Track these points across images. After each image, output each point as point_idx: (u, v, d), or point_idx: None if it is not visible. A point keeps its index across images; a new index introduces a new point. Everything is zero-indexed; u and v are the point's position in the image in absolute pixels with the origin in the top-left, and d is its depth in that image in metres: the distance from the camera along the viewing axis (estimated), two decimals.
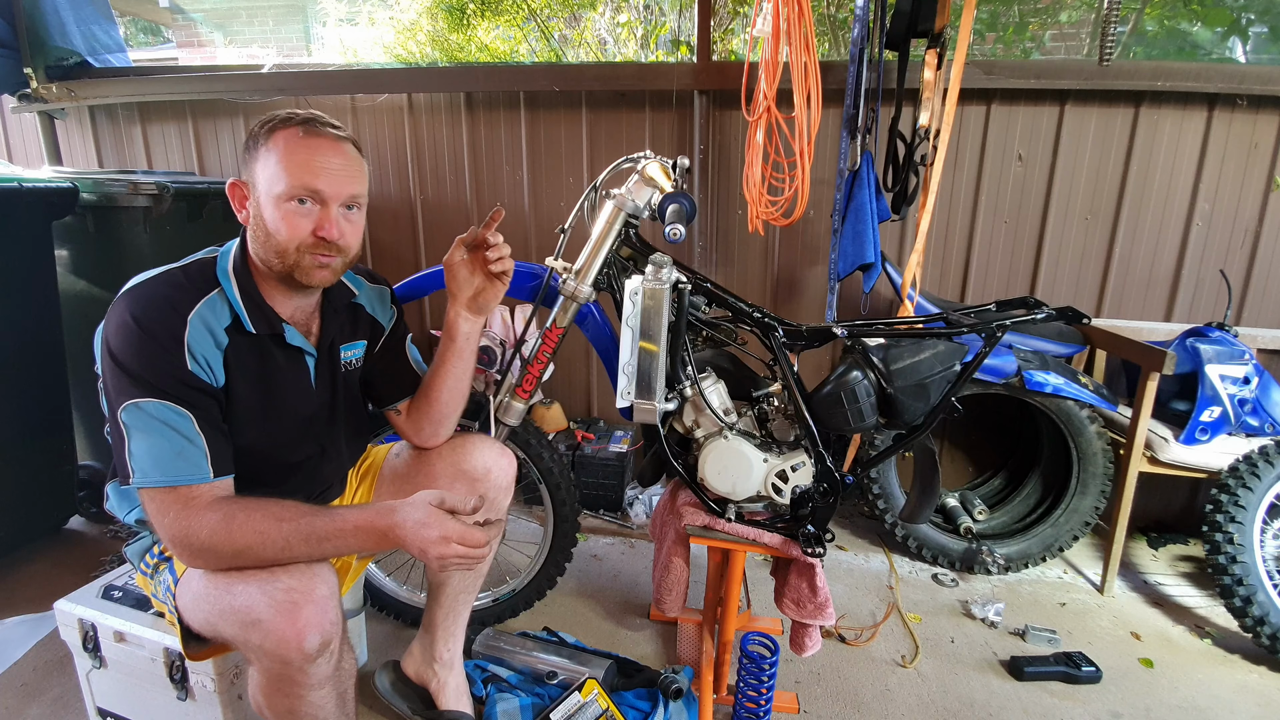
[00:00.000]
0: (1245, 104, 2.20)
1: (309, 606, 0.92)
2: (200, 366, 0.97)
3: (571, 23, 5.01)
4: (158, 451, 0.93)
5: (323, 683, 0.98)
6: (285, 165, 0.98)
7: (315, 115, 1.03)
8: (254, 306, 1.04)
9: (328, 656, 0.96)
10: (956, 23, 1.86)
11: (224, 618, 0.95)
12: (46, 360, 1.93)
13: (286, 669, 0.93)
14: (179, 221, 2.19)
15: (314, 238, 1.00)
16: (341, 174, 1.01)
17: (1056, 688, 1.65)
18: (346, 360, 1.22)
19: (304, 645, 0.91)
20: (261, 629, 0.91)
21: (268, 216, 1.00)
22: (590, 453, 2.39)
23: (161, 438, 0.93)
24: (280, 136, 0.99)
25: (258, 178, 1.00)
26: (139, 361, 0.93)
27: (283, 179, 0.98)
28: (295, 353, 1.11)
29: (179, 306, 0.97)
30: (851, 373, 1.36)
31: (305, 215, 1.00)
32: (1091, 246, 2.36)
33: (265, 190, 0.99)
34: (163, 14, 7.44)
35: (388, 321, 1.30)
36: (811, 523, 1.40)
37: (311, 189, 0.99)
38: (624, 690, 1.53)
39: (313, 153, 0.99)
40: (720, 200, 2.46)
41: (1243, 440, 2.00)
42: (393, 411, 1.32)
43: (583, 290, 1.46)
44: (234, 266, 1.04)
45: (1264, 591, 1.73)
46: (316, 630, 0.92)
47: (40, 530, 2.09)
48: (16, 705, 1.49)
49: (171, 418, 0.94)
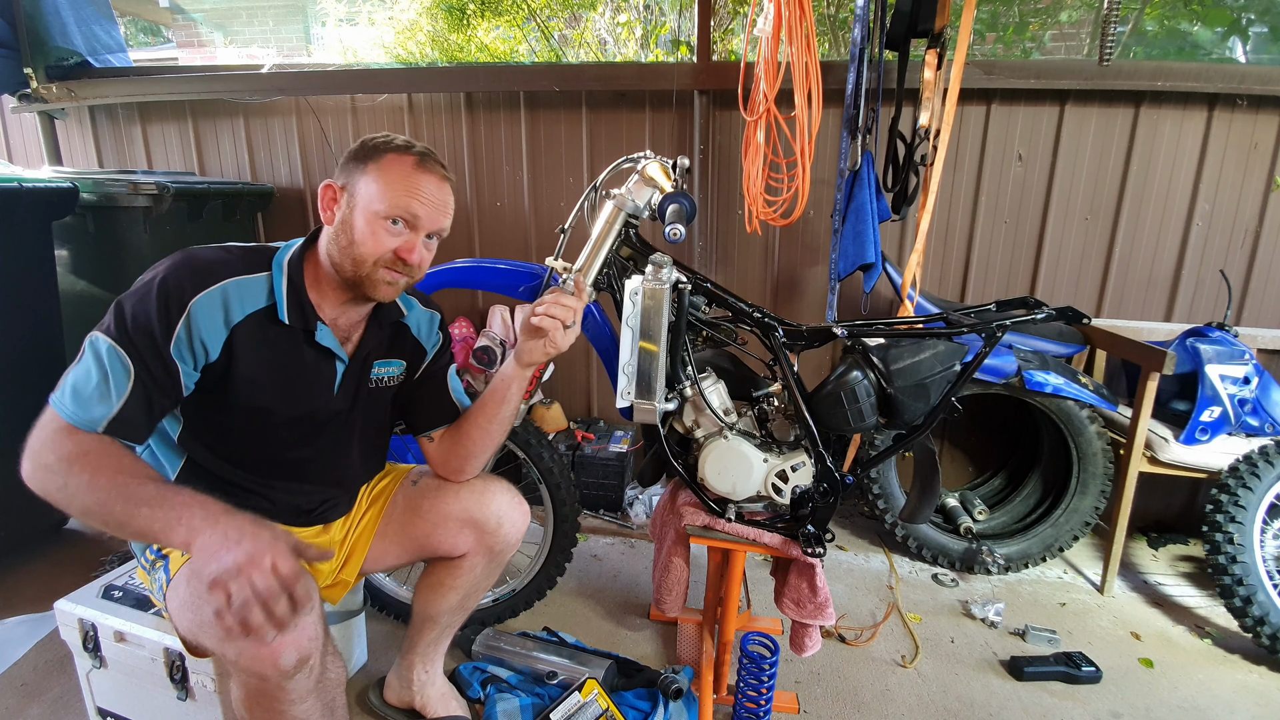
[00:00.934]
0: (1245, 104, 2.20)
1: None
2: (193, 340, 0.99)
3: (571, 23, 5.01)
4: (82, 387, 0.94)
5: (304, 697, 0.97)
6: (393, 187, 1.04)
7: (430, 151, 1.10)
8: (294, 298, 1.07)
9: (306, 672, 0.94)
10: (956, 23, 1.86)
11: (203, 629, 0.95)
12: (46, 360, 1.93)
13: (264, 685, 0.93)
14: (179, 221, 2.19)
15: (394, 256, 1.06)
16: (439, 208, 1.09)
17: (1056, 688, 1.65)
18: (378, 377, 1.22)
19: (280, 662, 0.90)
20: (237, 645, 0.90)
21: (358, 226, 1.04)
22: (590, 453, 2.38)
23: (94, 374, 0.95)
24: (395, 160, 1.05)
25: (359, 188, 1.05)
26: (133, 312, 0.96)
27: (387, 198, 1.04)
28: (326, 354, 1.12)
29: (209, 276, 1.01)
30: (851, 373, 1.36)
31: (394, 235, 1.05)
32: (1091, 246, 2.36)
33: (364, 202, 1.04)
34: (163, 14, 7.44)
35: (432, 347, 1.29)
36: (811, 523, 1.40)
37: (410, 214, 1.05)
38: (624, 690, 1.53)
39: (421, 183, 1.06)
40: (720, 200, 2.46)
41: (1243, 440, 2.00)
42: (425, 438, 1.32)
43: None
44: (290, 259, 1.09)
45: (1264, 591, 1.73)
46: (293, 648, 0.91)
47: (40, 530, 2.09)
48: (16, 705, 1.49)
49: (118, 369, 0.95)
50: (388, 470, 1.40)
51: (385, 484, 1.37)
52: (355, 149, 1.07)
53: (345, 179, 1.07)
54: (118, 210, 1.98)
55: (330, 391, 1.15)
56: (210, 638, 0.94)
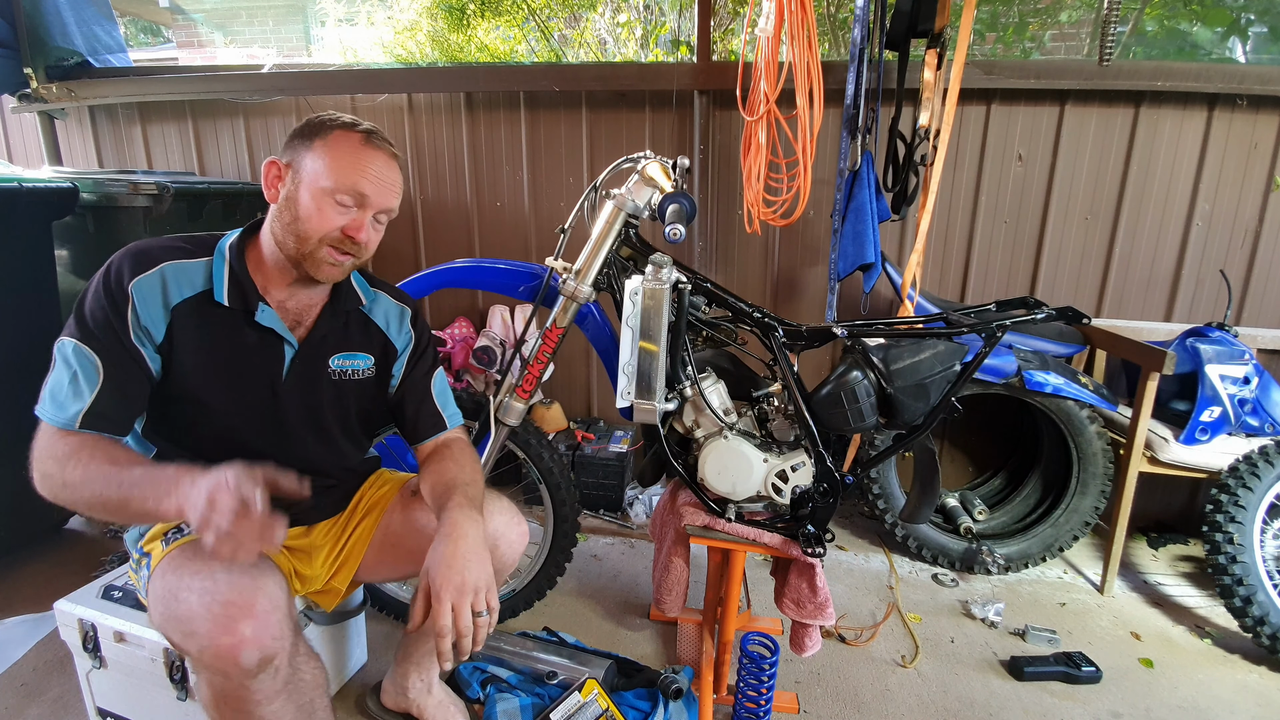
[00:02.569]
0: (1245, 104, 2.20)
1: (246, 621, 0.90)
2: (140, 323, 1.01)
3: (571, 23, 5.01)
4: (59, 390, 0.99)
5: (270, 698, 0.96)
6: (340, 163, 1.02)
7: (377, 129, 1.08)
8: (233, 281, 1.07)
9: (271, 673, 0.94)
10: (956, 23, 1.86)
11: (168, 624, 0.95)
12: (46, 360, 1.92)
13: (227, 683, 0.92)
14: (179, 221, 2.19)
15: (341, 234, 1.04)
16: (387, 186, 1.07)
17: (1056, 688, 1.65)
18: (342, 369, 1.18)
19: (240, 660, 0.89)
20: (198, 641, 0.90)
21: (303, 202, 1.03)
22: (590, 453, 2.38)
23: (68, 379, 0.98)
24: (342, 137, 1.04)
25: (304, 165, 1.04)
26: (89, 305, 1.00)
27: (332, 175, 1.02)
28: (270, 336, 1.09)
29: (148, 260, 1.03)
30: (851, 373, 1.36)
31: (341, 212, 1.04)
32: (1091, 246, 2.36)
33: (310, 179, 1.03)
34: (163, 14, 7.44)
35: (404, 345, 1.25)
36: (811, 523, 1.40)
37: (358, 192, 1.04)
38: (624, 690, 1.53)
39: (369, 161, 1.04)
40: (720, 200, 2.46)
41: (1243, 440, 2.00)
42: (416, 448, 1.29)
43: (583, 290, 1.46)
44: (232, 243, 1.09)
45: (1264, 591, 1.73)
46: (254, 646, 0.90)
47: (40, 530, 2.09)
48: (16, 705, 1.49)
49: (85, 363, 0.98)
50: (386, 478, 1.37)
51: (383, 492, 1.34)
52: (300, 126, 1.06)
53: (290, 156, 1.05)
54: (118, 210, 1.98)
55: (278, 377, 1.11)
56: (175, 633, 0.94)
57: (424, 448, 1.27)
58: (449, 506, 1.06)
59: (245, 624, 0.90)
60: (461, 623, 0.93)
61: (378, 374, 1.24)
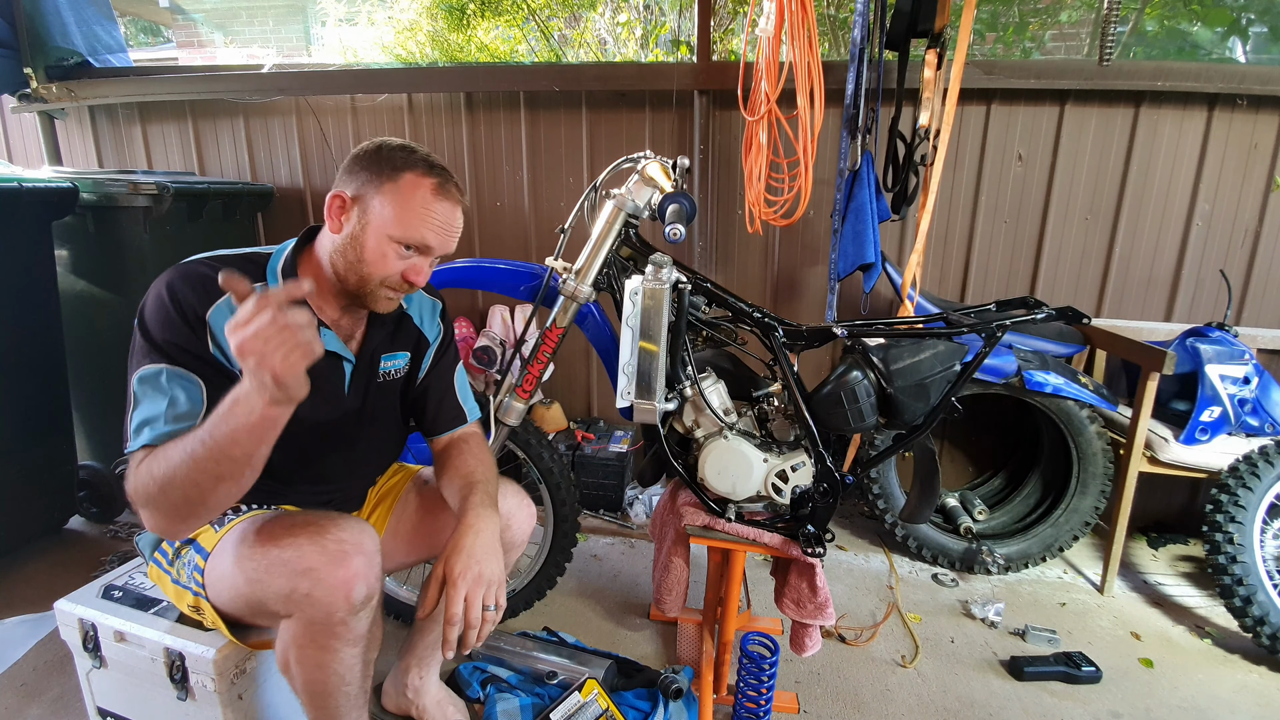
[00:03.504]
0: (1245, 104, 2.20)
1: (359, 557, 0.95)
2: (220, 348, 0.98)
3: (571, 23, 5.01)
4: (152, 417, 0.93)
5: (358, 639, 1.00)
6: (412, 215, 1.01)
7: (448, 172, 1.06)
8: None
9: (369, 611, 0.98)
10: (956, 23, 1.86)
11: (272, 571, 0.95)
12: (46, 360, 1.93)
13: (330, 618, 0.94)
14: (179, 221, 2.19)
15: (400, 278, 1.05)
16: (451, 234, 1.07)
17: (1056, 688, 1.65)
18: (386, 370, 1.21)
19: (352, 594, 0.93)
20: (313, 576, 0.92)
21: (369, 245, 1.02)
22: (590, 453, 2.38)
23: (161, 402, 0.94)
24: (414, 181, 1.02)
25: (373, 205, 1.02)
26: (161, 330, 0.96)
27: (404, 225, 1.01)
28: (332, 358, 1.11)
29: (211, 287, 0.99)
30: (851, 373, 1.36)
31: (403, 259, 1.04)
32: (1091, 246, 2.36)
33: (378, 224, 1.02)
34: (163, 14, 7.44)
35: (434, 337, 1.28)
36: (811, 523, 1.40)
37: (424, 244, 1.04)
38: (624, 690, 1.53)
39: (439, 213, 1.04)
40: (720, 200, 2.46)
41: (1243, 440, 2.00)
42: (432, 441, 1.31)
43: (583, 290, 1.46)
44: (283, 267, 1.07)
45: (1264, 591, 1.73)
46: (364, 580, 0.94)
47: (40, 530, 2.09)
48: (16, 705, 1.49)
49: (182, 384, 0.95)
50: (396, 469, 1.40)
51: (394, 482, 1.37)
52: (369, 156, 1.03)
53: (356, 189, 1.02)
54: (118, 210, 1.98)
55: (341, 393, 1.14)
56: (280, 576, 0.93)
57: (440, 440, 1.29)
58: (471, 502, 1.09)
59: (358, 559, 0.94)
60: (473, 613, 0.96)
61: (410, 368, 1.27)
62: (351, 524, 0.99)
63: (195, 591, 1.08)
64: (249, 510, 1.10)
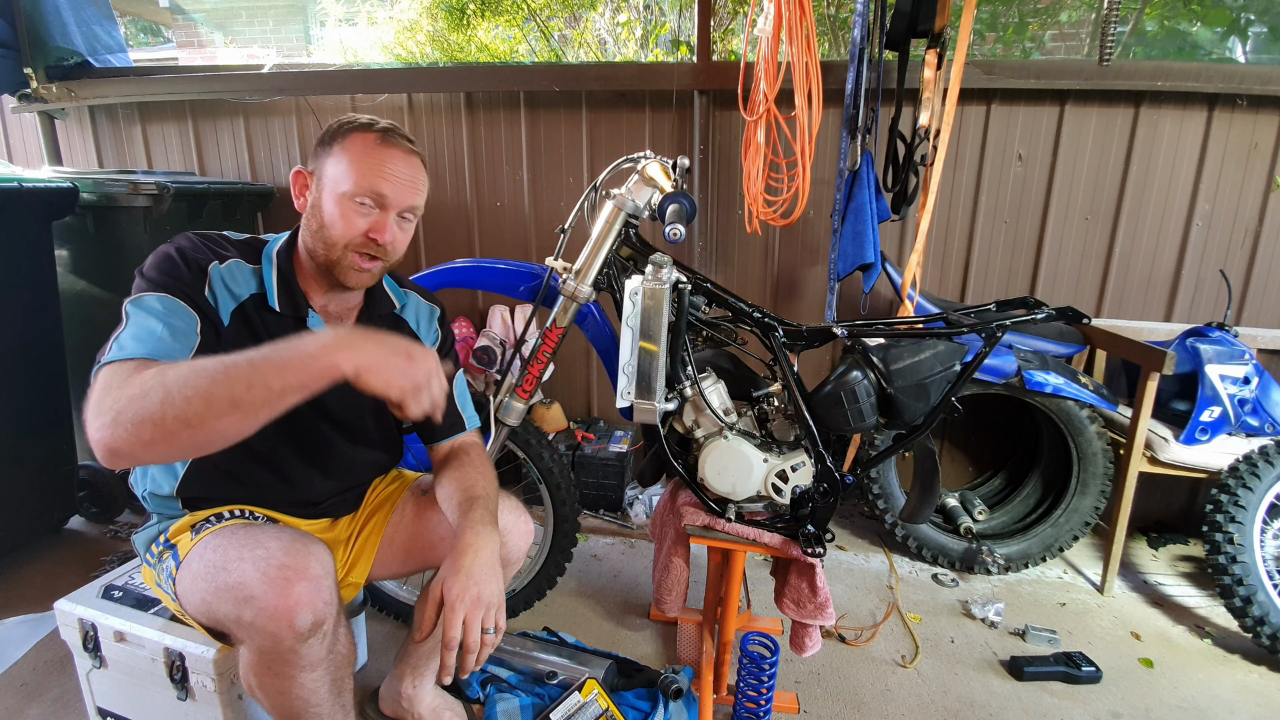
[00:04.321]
0: (1245, 104, 2.20)
1: (302, 583, 0.92)
2: (213, 297, 1.01)
3: (571, 23, 5.01)
4: (146, 334, 0.91)
5: (315, 665, 0.97)
6: (356, 166, 1.02)
7: (393, 125, 1.07)
8: (285, 286, 1.08)
9: (320, 637, 0.95)
10: (956, 23, 1.86)
11: (219, 596, 0.95)
12: (46, 360, 1.93)
13: (278, 647, 0.93)
14: (179, 221, 2.19)
15: (365, 238, 1.04)
16: (407, 184, 1.05)
17: (1056, 688, 1.65)
18: None
19: (295, 622, 0.91)
20: (254, 605, 0.91)
21: (326, 209, 1.04)
22: (590, 453, 2.38)
23: (156, 321, 0.92)
24: (357, 139, 1.03)
25: (325, 171, 1.04)
26: (161, 271, 0.98)
27: (351, 178, 1.02)
28: None
29: (214, 251, 1.04)
30: (851, 373, 1.37)
31: (363, 215, 1.03)
32: (1091, 246, 2.36)
33: (331, 185, 1.03)
34: (163, 14, 7.44)
35: (432, 342, 1.27)
36: (811, 523, 1.40)
37: (377, 193, 1.03)
38: (624, 690, 1.53)
39: (385, 160, 1.03)
40: (720, 200, 2.46)
41: (1243, 440, 2.00)
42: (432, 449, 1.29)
43: (583, 290, 1.46)
44: (279, 251, 1.10)
45: (1264, 591, 1.73)
46: (308, 608, 0.91)
47: (40, 530, 2.09)
48: (16, 705, 1.49)
49: (177, 310, 0.95)
50: (395, 475, 1.39)
51: (392, 489, 1.35)
52: (322, 133, 1.07)
53: (314, 164, 1.07)
54: (118, 210, 1.98)
55: None
56: (226, 603, 0.93)
57: (440, 448, 1.28)
58: (470, 520, 1.05)
59: (301, 585, 0.92)
60: (471, 637, 0.93)
61: None
62: (299, 547, 0.95)
63: (172, 598, 1.08)
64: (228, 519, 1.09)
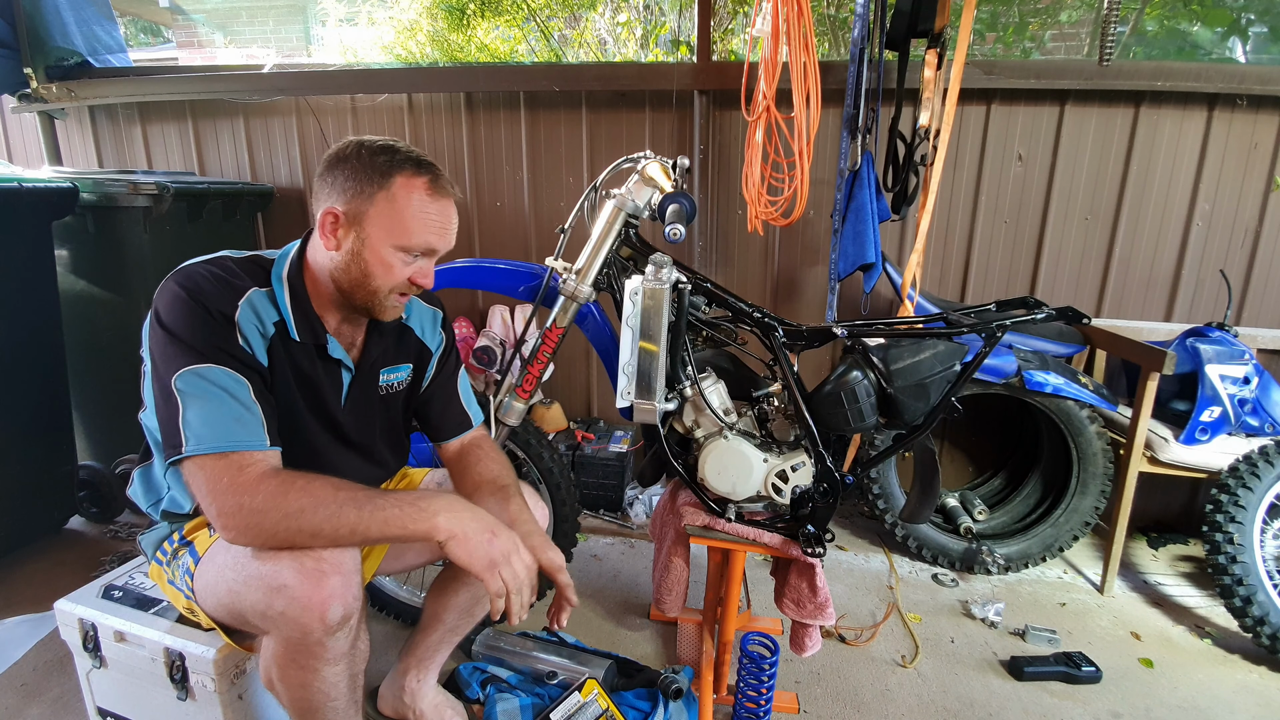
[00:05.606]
0: (1245, 104, 2.20)
1: (336, 576, 0.93)
2: (247, 345, 0.98)
3: (571, 23, 5.01)
4: (215, 418, 0.91)
5: (338, 658, 0.99)
6: (412, 221, 1.00)
7: (435, 167, 1.04)
8: (301, 315, 1.04)
9: (347, 631, 0.97)
10: (956, 23, 1.86)
11: (249, 584, 0.95)
12: (46, 360, 1.93)
13: (306, 638, 0.94)
14: (179, 221, 2.19)
15: (408, 283, 1.04)
16: (452, 233, 1.06)
17: (1056, 688, 1.65)
18: (387, 383, 1.20)
19: (327, 615, 0.92)
20: (287, 594, 0.91)
21: (372, 259, 1.01)
22: (590, 453, 2.38)
23: (220, 404, 0.92)
24: (406, 185, 0.99)
25: (369, 219, 0.99)
26: (193, 330, 0.93)
27: (407, 234, 1.00)
28: (334, 365, 1.11)
29: (230, 288, 0.99)
30: (852, 373, 1.36)
31: (409, 265, 1.03)
32: (1091, 246, 2.36)
33: (379, 235, 1.00)
34: (163, 14, 7.44)
35: (436, 346, 1.27)
36: (811, 523, 1.40)
37: (431, 249, 1.03)
38: (624, 690, 1.53)
39: (438, 213, 1.02)
40: (720, 200, 2.46)
41: (1243, 440, 2.00)
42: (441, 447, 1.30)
43: (583, 290, 1.46)
44: (289, 273, 1.05)
45: (1264, 591, 1.73)
46: (340, 601, 0.93)
47: (40, 530, 2.09)
48: (16, 705, 1.49)
49: (230, 383, 0.94)
50: (402, 474, 1.39)
51: (402, 486, 1.37)
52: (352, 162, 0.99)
53: (347, 203, 0.99)
54: (118, 210, 1.98)
55: (339, 402, 1.14)
56: (256, 590, 0.94)
57: (449, 446, 1.29)
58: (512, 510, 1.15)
59: (335, 579, 0.93)
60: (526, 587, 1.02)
61: (413, 379, 1.26)
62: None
63: (187, 595, 1.08)
64: None
